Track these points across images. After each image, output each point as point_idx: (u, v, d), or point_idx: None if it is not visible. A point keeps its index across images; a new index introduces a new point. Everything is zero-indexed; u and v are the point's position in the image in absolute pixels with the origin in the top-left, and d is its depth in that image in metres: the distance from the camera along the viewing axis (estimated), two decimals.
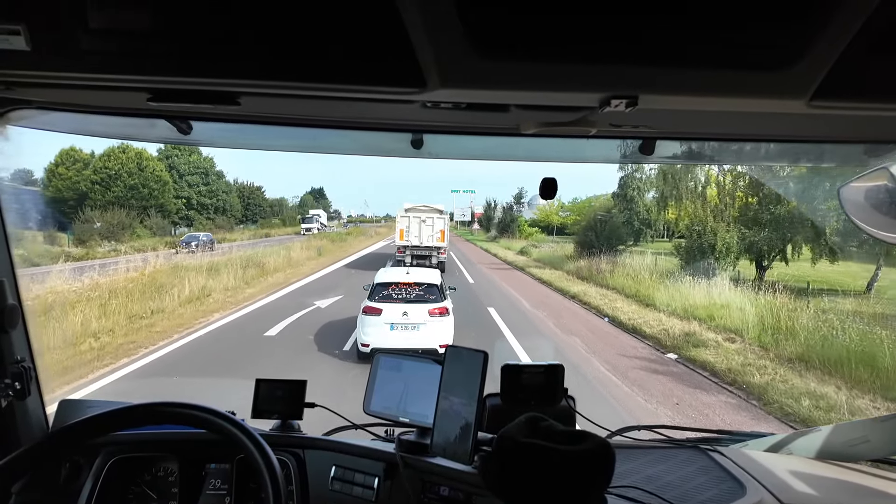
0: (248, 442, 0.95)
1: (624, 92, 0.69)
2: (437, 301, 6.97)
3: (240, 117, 1.00)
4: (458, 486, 1.12)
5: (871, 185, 1.03)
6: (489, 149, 1.26)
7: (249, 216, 58.29)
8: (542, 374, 1.15)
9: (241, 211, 55.30)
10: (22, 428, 1.16)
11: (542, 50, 0.63)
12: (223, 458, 1.27)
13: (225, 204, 46.09)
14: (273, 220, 59.12)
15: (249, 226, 54.94)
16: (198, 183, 42.97)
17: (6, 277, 1.10)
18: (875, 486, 1.21)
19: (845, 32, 0.58)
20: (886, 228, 1.02)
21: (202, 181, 43.42)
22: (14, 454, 0.90)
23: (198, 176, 42.95)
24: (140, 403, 1.01)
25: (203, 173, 43.62)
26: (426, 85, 0.68)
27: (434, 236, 18.07)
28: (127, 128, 1.15)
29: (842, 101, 0.69)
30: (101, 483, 1.21)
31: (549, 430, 0.88)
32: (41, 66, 0.67)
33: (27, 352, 1.17)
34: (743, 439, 1.51)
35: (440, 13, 0.58)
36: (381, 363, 1.27)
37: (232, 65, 0.67)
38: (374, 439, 1.37)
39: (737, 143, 1.19)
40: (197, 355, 7.69)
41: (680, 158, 1.29)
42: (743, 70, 0.65)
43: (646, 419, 5.20)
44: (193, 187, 42.55)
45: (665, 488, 1.15)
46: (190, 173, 42.40)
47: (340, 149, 1.36)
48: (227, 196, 47.10)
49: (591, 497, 0.83)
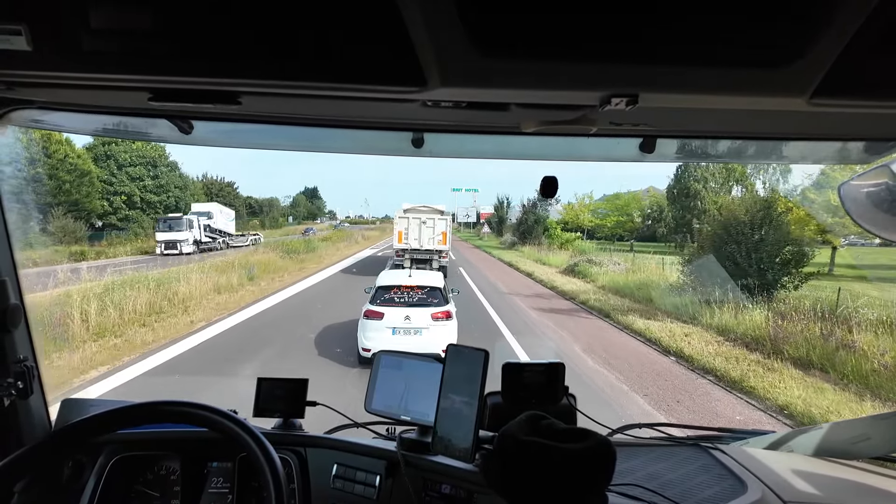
0: (250, 440, 0.95)
1: (624, 90, 0.69)
2: (440, 305, 6.86)
3: (241, 117, 1.01)
4: (460, 484, 1.13)
5: (872, 182, 1.03)
6: (490, 147, 1.26)
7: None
8: (543, 372, 1.15)
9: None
10: (24, 427, 1.16)
11: (542, 49, 0.63)
12: (225, 456, 1.27)
13: (179, 202, 36.90)
14: (251, 222, 51.18)
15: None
16: (142, 176, 34.50)
17: (8, 277, 1.10)
18: (876, 483, 1.21)
19: (845, 30, 0.58)
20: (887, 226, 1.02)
21: (148, 174, 34.79)
22: (16, 453, 0.91)
23: (142, 167, 34.53)
24: (142, 402, 1.01)
25: (149, 164, 34.96)
26: (426, 84, 0.68)
27: (435, 239, 16.83)
28: (128, 127, 1.15)
29: (842, 98, 0.69)
30: (103, 482, 1.21)
31: (550, 428, 0.88)
32: (42, 65, 0.68)
33: (30, 351, 1.17)
34: (744, 437, 1.51)
35: (441, 12, 0.58)
36: (383, 362, 1.27)
37: (233, 64, 0.67)
38: (376, 438, 1.37)
39: (737, 141, 1.19)
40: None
41: (680, 157, 1.29)
42: (743, 68, 0.65)
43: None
44: (136, 181, 34.27)
45: (666, 486, 1.15)
46: (131, 164, 33.82)
47: (341, 148, 1.36)
48: (183, 192, 38.23)
49: (593, 495, 0.83)
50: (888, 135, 1.04)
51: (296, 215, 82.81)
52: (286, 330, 9.05)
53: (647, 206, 32.38)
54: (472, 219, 62.42)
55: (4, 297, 1.08)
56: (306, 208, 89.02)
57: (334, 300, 11.98)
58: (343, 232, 47.16)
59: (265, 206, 65.65)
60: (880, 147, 1.11)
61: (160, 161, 35.68)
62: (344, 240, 36.70)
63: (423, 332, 6.64)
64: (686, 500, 1.10)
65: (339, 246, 31.27)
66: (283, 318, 10.16)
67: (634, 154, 1.18)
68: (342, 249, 29.50)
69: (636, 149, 1.16)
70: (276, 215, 65.72)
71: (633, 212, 35.08)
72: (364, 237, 43.94)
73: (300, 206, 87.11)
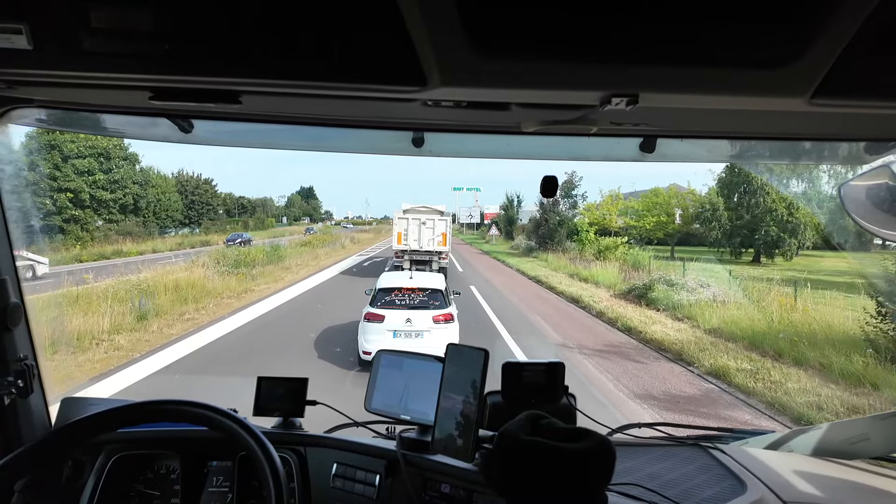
0: (250, 439, 0.95)
1: (625, 90, 0.70)
2: (441, 307, 6.80)
3: (241, 116, 1.01)
4: (460, 483, 1.13)
5: (872, 182, 1.03)
6: (490, 147, 1.26)
7: (194, 217, 44.28)
8: (543, 371, 1.15)
9: (181, 211, 41.68)
10: (24, 426, 1.16)
11: (542, 48, 0.63)
12: (225, 455, 1.27)
13: (139, 199, 33.18)
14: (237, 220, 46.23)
15: (195, 230, 41.56)
16: (92, 169, 29.65)
17: (8, 276, 1.10)
18: (875, 483, 1.21)
19: (846, 31, 0.58)
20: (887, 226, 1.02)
21: (99, 167, 29.91)
22: (17, 452, 0.91)
23: (92, 159, 29.68)
24: (142, 401, 1.01)
25: (100, 156, 29.90)
26: (427, 83, 0.68)
27: (435, 240, 16.59)
28: (128, 127, 1.16)
29: (842, 99, 0.70)
30: (103, 481, 1.21)
31: (549, 427, 0.88)
32: (43, 64, 0.68)
33: (30, 350, 1.17)
34: (743, 437, 1.51)
35: (441, 11, 0.58)
36: (383, 361, 1.27)
37: (233, 64, 0.67)
38: (376, 437, 1.37)
39: (738, 141, 1.19)
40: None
41: (681, 157, 1.29)
42: (744, 68, 0.65)
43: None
44: (84, 175, 29.42)
45: (666, 486, 1.15)
46: (79, 155, 29.06)
47: (341, 147, 1.36)
48: (144, 189, 33.94)
49: (592, 495, 0.83)
50: (888, 135, 1.04)
51: (290, 216, 78.39)
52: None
53: (689, 204, 26.08)
54: (475, 219, 57.43)
55: (5, 295, 1.09)
56: (301, 209, 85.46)
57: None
58: (326, 235, 39.06)
59: (258, 206, 61.43)
60: (880, 147, 1.11)
61: (115, 153, 30.71)
62: (328, 244, 30.57)
63: (425, 334, 6.58)
64: (686, 499, 1.10)
65: (319, 253, 25.10)
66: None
67: (635, 154, 1.18)
68: (321, 258, 23.23)
69: (636, 149, 1.16)
70: (261, 216, 59.96)
71: (674, 211, 27.68)
72: (353, 240, 37.72)
73: (295, 207, 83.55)
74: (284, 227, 61.30)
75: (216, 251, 18.38)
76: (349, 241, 36.30)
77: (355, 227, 63.63)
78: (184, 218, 42.58)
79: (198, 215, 44.68)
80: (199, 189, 44.58)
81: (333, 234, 41.52)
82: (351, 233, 48.94)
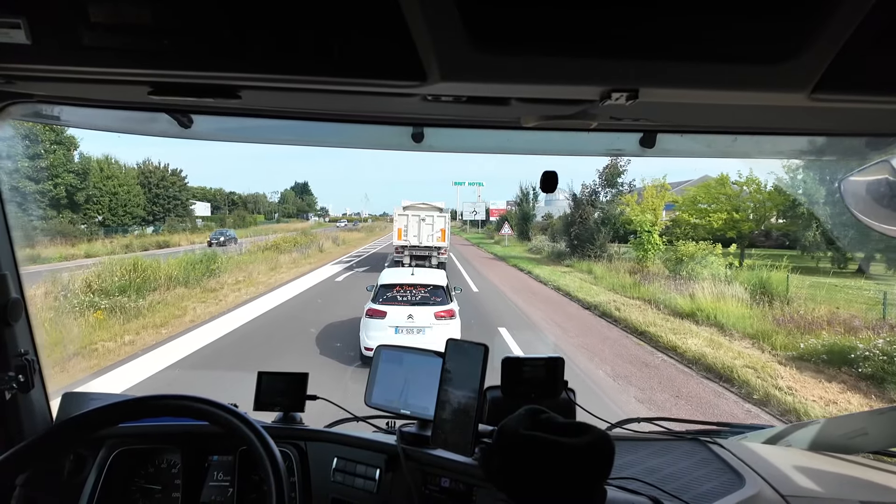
0: (251, 434, 0.96)
1: (624, 85, 0.69)
2: (443, 303, 6.81)
3: (241, 111, 1.00)
4: (459, 477, 1.13)
5: (873, 178, 1.03)
6: (490, 142, 1.26)
7: (159, 213, 37.79)
8: (543, 366, 1.15)
9: (143, 206, 35.87)
10: (26, 421, 1.16)
11: (542, 43, 0.62)
12: (226, 450, 1.28)
13: (75, 192, 28.01)
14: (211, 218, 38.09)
15: (159, 227, 35.55)
16: (15, 154, 21.43)
17: (9, 271, 1.10)
18: (873, 478, 1.22)
19: (846, 26, 0.58)
20: (887, 221, 1.02)
21: (23, 153, 23.80)
22: (18, 447, 0.91)
23: (11, 143, 17.32)
24: (143, 396, 1.02)
25: (24, 138, 23.86)
26: (426, 78, 0.68)
27: (434, 235, 16.93)
28: (128, 122, 1.15)
29: (843, 94, 0.69)
30: (104, 475, 1.22)
31: (549, 422, 0.89)
32: (42, 59, 0.67)
33: (30, 345, 1.17)
34: (742, 431, 1.52)
35: (440, 6, 0.57)
36: (383, 356, 1.27)
37: (233, 59, 0.67)
38: (376, 431, 1.38)
39: (738, 136, 1.19)
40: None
41: (681, 152, 1.29)
42: (744, 63, 0.65)
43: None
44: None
45: (665, 480, 1.16)
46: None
47: (340, 142, 1.36)
48: (83, 180, 28.77)
49: (591, 489, 0.84)
50: (889, 130, 1.04)
51: (284, 212, 73.72)
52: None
53: (764, 198, 19.62)
54: (479, 216, 50.95)
55: (5, 291, 1.09)
56: (295, 205, 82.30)
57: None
58: (303, 236, 29.64)
59: (250, 202, 57.07)
60: (881, 142, 1.11)
61: (44, 135, 24.96)
62: (303, 247, 23.58)
63: (427, 331, 6.59)
64: (684, 493, 1.11)
65: (282, 260, 19.10)
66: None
67: (635, 149, 1.18)
68: (280, 271, 17.16)
69: (636, 143, 1.16)
70: (241, 213, 52.66)
71: (746, 206, 20.76)
72: (343, 240, 29.22)
73: (289, 203, 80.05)
74: (271, 225, 52.63)
75: (128, 261, 12.85)
76: (331, 242, 28.27)
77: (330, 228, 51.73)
78: (147, 214, 36.68)
79: (163, 211, 37.98)
80: (165, 181, 37.89)
81: (313, 233, 34.85)
82: (336, 232, 38.73)
